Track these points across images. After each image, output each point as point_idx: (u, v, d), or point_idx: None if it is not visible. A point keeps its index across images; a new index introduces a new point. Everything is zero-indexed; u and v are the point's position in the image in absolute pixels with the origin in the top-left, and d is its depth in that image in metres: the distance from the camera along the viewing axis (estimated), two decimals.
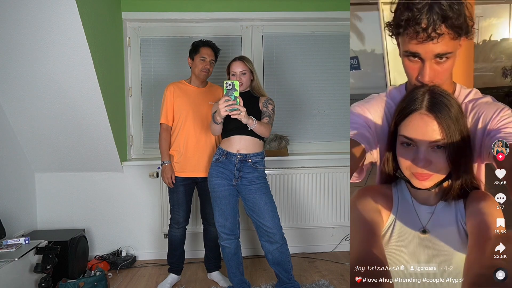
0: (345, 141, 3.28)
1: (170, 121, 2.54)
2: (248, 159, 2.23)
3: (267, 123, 2.23)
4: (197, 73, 2.53)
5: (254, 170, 2.24)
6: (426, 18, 1.54)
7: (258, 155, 2.26)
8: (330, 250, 3.23)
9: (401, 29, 1.60)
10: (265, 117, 2.25)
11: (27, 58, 2.39)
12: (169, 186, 2.53)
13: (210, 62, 2.53)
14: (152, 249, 3.15)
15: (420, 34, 1.55)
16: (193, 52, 2.55)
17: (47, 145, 2.85)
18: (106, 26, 2.78)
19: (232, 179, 2.25)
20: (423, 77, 1.59)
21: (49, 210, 3.07)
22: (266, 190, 2.27)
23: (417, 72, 1.61)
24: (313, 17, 3.19)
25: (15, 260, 2.13)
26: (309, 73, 3.29)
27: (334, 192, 3.20)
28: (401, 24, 1.59)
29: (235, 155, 2.23)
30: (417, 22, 1.55)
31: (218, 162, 2.28)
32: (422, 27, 1.55)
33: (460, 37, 1.57)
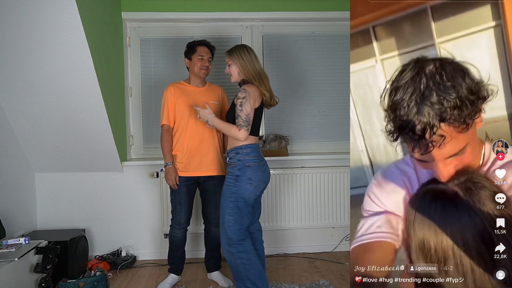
0: (345, 141, 3.28)
1: (171, 122, 2.54)
2: (227, 156, 2.24)
3: (229, 125, 2.16)
4: (196, 72, 2.53)
5: (229, 166, 2.22)
6: (418, 123, 1.26)
7: (232, 150, 2.19)
8: (330, 250, 3.23)
9: (396, 135, 1.36)
10: (236, 119, 2.14)
11: (27, 58, 2.39)
12: (173, 187, 2.53)
13: (209, 60, 2.54)
14: (152, 249, 3.15)
15: (418, 143, 1.29)
16: (189, 52, 2.55)
17: (47, 145, 2.84)
18: (106, 26, 2.78)
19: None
20: (439, 176, 1.37)
21: (49, 210, 3.07)
22: (225, 192, 2.18)
23: (431, 170, 1.40)
24: (313, 17, 3.19)
25: (15, 260, 2.13)
26: (309, 73, 3.29)
27: (334, 192, 3.20)
28: (393, 132, 1.36)
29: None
30: (410, 130, 1.28)
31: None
32: (418, 134, 1.27)
33: (471, 127, 1.28)
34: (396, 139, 1.36)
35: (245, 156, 2.16)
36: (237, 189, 2.14)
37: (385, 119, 1.40)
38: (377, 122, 1.67)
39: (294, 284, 2.60)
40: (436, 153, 1.31)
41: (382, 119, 1.44)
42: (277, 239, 3.19)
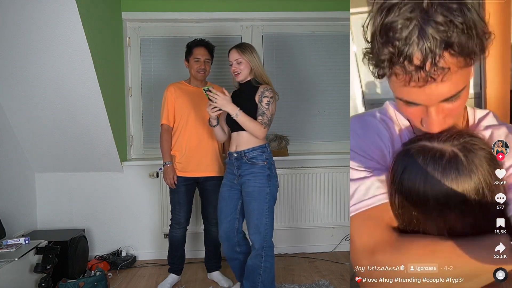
0: (345, 141, 3.28)
1: (171, 122, 2.54)
2: (244, 156, 2.11)
3: (257, 123, 2.05)
4: (194, 74, 2.53)
5: (251, 166, 2.09)
6: (419, 49, 1.07)
7: (255, 149, 2.10)
8: (330, 250, 3.23)
9: (384, 71, 1.15)
10: (259, 116, 2.07)
11: (27, 58, 2.39)
12: (171, 187, 2.53)
13: (205, 61, 2.52)
14: (152, 249, 3.15)
15: (414, 75, 1.10)
16: (187, 54, 2.55)
17: (47, 145, 2.84)
18: (106, 26, 2.78)
19: (235, 179, 2.17)
20: (429, 126, 1.22)
21: (49, 210, 3.07)
22: (259, 194, 2.08)
23: (419, 117, 1.23)
24: (313, 17, 3.19)
25: (15, 260, 2.13)
26: (309, 73, 3.29)
27: (334, 192, 3.20)
28: (382, 65, 1.14)
29: (233, 154, 2.15)
30: (407, 58, 1.08)
31: (226, 163, 2.28)
32: (416, 64, 1.08)
33: (475, 61, 1.12)
34: (385, 74, 1.15)
35: (270, 154, 2.16)
36: (270, 189, 2.10)
37: (366, 55, 1.19)
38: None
39: (294, 284, 2.60)
40: (430, 94, 1.12)
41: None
42: (277, 239, 3.17)
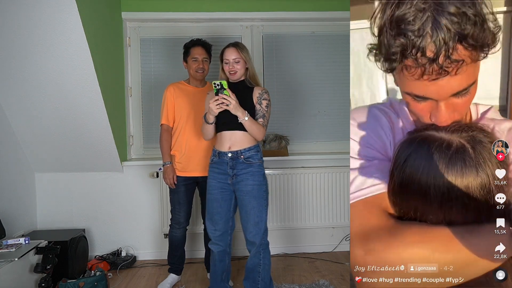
0: (345, 141, 3.28)
1: (171, 121, 2.54)
2: (240, 156, 2.09)
3: (260, 125, 2.06)
4: (192, 74, 2.54)
5: (249, 166, 2.08)
6: (433, 41, 1.05)
7: (251, 149, 2.09)
8: (330, 250, 3.23)
9: (394, 64, 1.13)
10: (259, 118, 2.08)
11: (27, 58, 2.39)
12: (170, 187, 2.53)
13: (203, 60, 2.53)
14: (152, 249, 3.15)
15: (428, 68, 1.08)
16: (185, 54, 2.56)
17: (47, 145, 2.84)
18: (106, 26, 2.78)
19: (228, 179, 2.13)
20: (438, 119, 1.20)
21: (49, 210, 3.07)
22: (258, 192, 2.08)
23: (428, 112, 1.22)
24: (313, 17, 3.19)
25: (15, 260, 2.13)
26: (309, 73, 3.29)
27: (334, 192, 3.20)
28: (393, 58, 1.12)
29: (226, 153, 2.10)
30: (419, 50, 1.06)
31: (213, 163, 2.19)
32: (429, 56, 1.07)
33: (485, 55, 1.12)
34: (395, 68, 1.11)
35: (262, 153, 2.18)
36: (266, 188, 2.14)
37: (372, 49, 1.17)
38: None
39: (294, 284, 2.60)
40: (441, 88, 1.11)
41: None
42: (276, 239, 3.19)
